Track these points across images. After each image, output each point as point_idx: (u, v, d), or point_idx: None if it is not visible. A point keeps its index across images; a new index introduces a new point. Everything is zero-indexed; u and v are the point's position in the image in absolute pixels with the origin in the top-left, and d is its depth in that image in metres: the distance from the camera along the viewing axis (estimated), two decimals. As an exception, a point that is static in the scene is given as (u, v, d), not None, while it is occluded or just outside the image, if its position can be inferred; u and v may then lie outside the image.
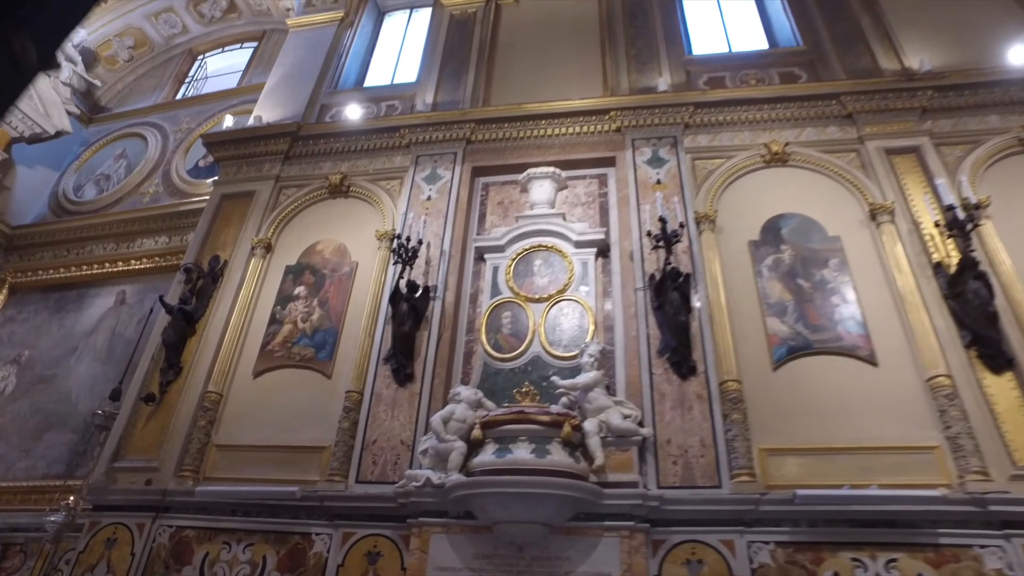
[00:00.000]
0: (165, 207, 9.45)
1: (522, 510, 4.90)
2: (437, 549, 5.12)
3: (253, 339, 6.85)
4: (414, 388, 6.08)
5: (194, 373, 6.61)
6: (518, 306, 6.58)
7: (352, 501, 5.53)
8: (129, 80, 12.40)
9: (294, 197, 7.88)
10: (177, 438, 6.23)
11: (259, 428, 6.25)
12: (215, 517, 5.81)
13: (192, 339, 6.85)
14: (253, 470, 5.98)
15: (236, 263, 7.36)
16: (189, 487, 5.91)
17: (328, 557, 5.41)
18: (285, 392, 6.44)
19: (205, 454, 6.20)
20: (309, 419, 6.20)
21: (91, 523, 6.02)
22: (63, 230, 9.88)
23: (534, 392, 5.81)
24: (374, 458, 5.77)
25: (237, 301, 7.04)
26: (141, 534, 5.85)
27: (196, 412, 6.35)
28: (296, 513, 5.66)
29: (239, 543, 5.66)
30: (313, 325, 6.76)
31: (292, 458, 6.00)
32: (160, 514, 5.94)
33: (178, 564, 5.69)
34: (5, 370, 8.84)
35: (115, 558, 5.79)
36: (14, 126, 9.94)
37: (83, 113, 11.75)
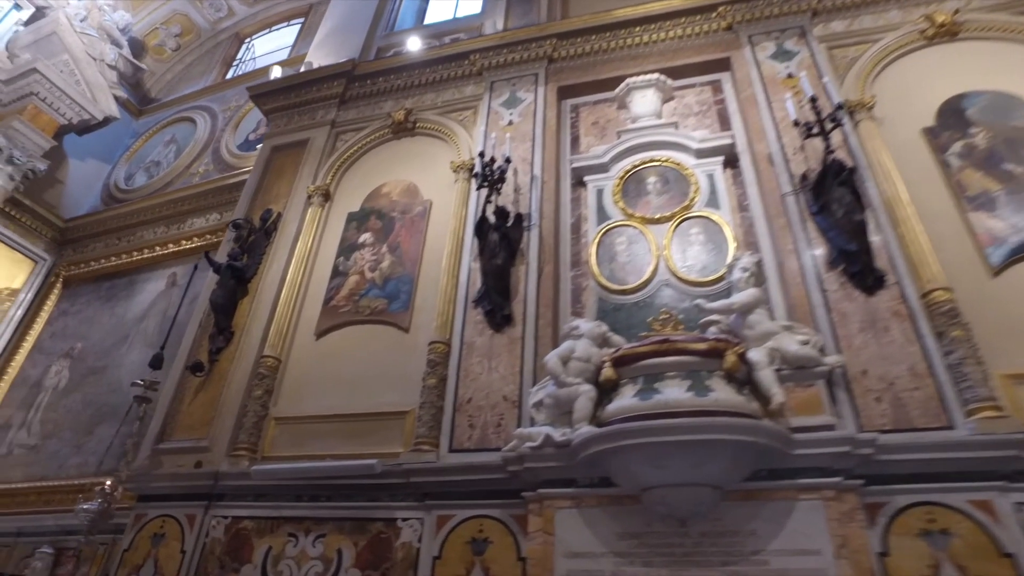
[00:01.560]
0: (213, 181, 8.62)
1: (683, 467, 3.52)
2: (567, 529, 3.78)
3: (314, 295, 5.75)
4: (514, 333, 4.81)
5: (247, 337, 5.53)
6: (634, 230, 5.25)
7: (446, 475, 4.27)
8: (178, 69, 11.85)
9: (353, 141, 6.81)
10: (229, 412, 5.14)
11: (325, 395, 5.10)
12: (277, 504, 4.66)
13: (244, 300, 5.80)
14: (320, 445, 4.81)
15: (291, 215, 6.31)
16: (244, 468, 4.79)
17: (420, 548, 4.15)
18: (354, 352, 5.28)
19: (262, 429, 5.08)
20: (385, 380, 5.01)
21: (136, 516, 4.97)
22: (113, 218, 9.22)
23: (676, 320, 4.46)
24: (470, 420, 4.50)
25: (294, 255, 5.97)
26: (192, 527, 4.74)
27: (250, 381, 5.26)
28: (376, 494, 4.44)
29: (307, 535, 4.47)
30: (383, 274, 5.60)
31: (367, 428, 4.81)
32: (213, 503, 4.83)
33: (236, 562, 4.54)
34: (59, 364, 8.11)
35: (163, 556, 4.70)
36: (62, 112, 9.39)
37: (133, 105, 11.21)
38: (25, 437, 7.56)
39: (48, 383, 7.98)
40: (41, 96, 9.17)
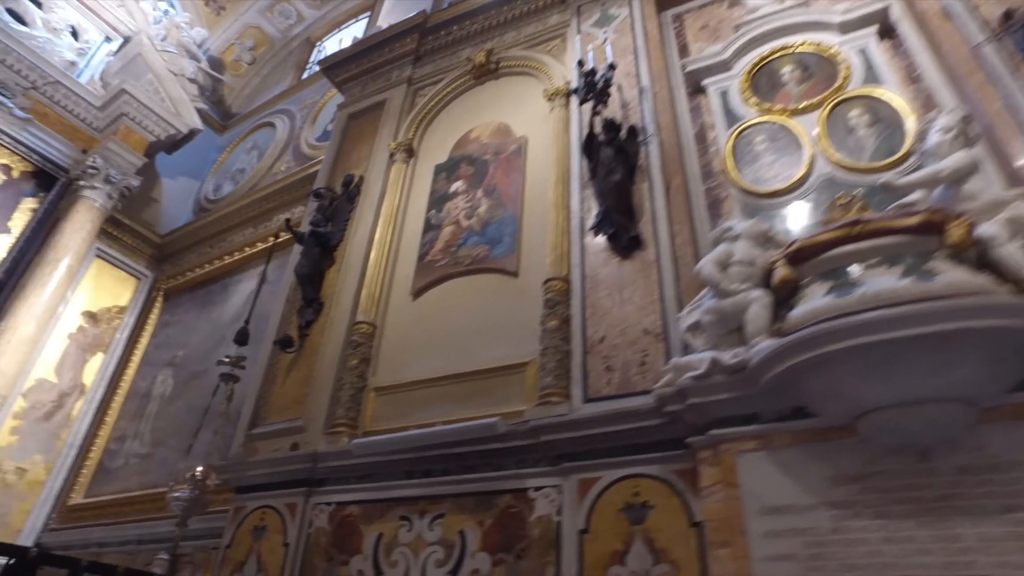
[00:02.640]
0: (294, 174, 8.29)
1: (917, 377, 2.51)
2: (755, 478, 2.83)
3: (406, 254, 5.11)
4: (646, 256, 3.92)
5: (337, 307, 4.96)
6: (774, 126, 4.27)
7: (584, 428, 3.42)
8: (255, 83, 11.87)
9: (432, 94, 6.19)
10: (324, 386, 4.54)
11: (428, 357, 4.40)
12: (385, 484, 3.97)
13: (330, 270, 5.24)
14: (427, 412, 4.09)
15: (374, 176, 5.74)
16: (344, 445, 4.14)
17: (561, 521, 3.32)
18: (457, 307, 4.57)
19: (361, 402, 4.44)
20: (496, 332, 4.26)
21: (235, 510, 4.44)
22: (203, 227, 9.15)
23: (860, 203, 3.45)
24: (606, 363, 3.64)
25: (380, 215, 5.38)
26: (294, 517, 4.14)
27: (344, 351, 4.65)
28: (500, 461, 3.66)
29: (422, 517, 3.75)
30: (481, 219, 4.88)
31: (480, 387, 4.06)
32: (314, 489, 4.21)
33: (344, 553, 3.88)
34: (164, 373, 8.00)
35: (266, 551, 4.12)
36: (150, 129, 9.47)
37: (216, 121, 11.30)
38: (138, 447, 7.41)
39: (155, 392, 7.86)
40: (131, 116, 9.27)
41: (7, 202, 8.49)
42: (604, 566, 3.06)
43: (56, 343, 8.26)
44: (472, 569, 3.43)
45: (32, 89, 8.92)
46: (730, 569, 2.67)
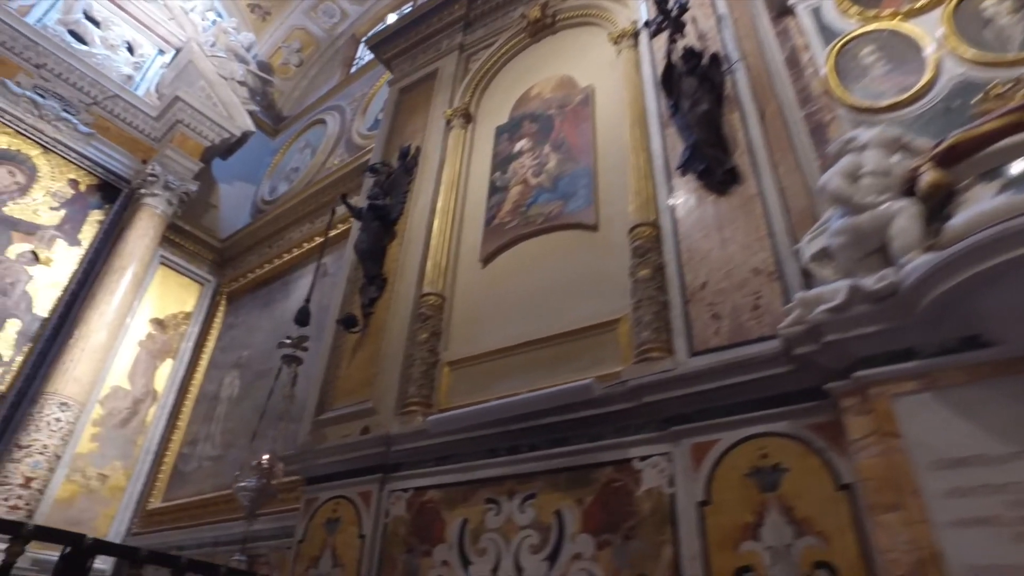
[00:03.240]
0: (347, 164, 8.09)
1: None
2: (922, 425, 2.29)
3: (471, 221, 4.74)
4: (745, 190, 3.41)
5: (401, 281, 4.63)
6: (884, 32, 3.66)
7: (694, 384, 2.94)
8: (304, 85, 11.82)
9: (486, 58, 5.82)
10: (393, 364, 4.21)
11: (504, 325, 4.00)
12: (467, 464, 3.58)
13: (392, 245, 4.92)
14: (507, 384, 3.68)
15: (431, 145, 5.41)
16: (419, 425, 3.78)
17: (674, 493, 2.85)
18: (531, 269, 4.15)
19: (434, 378, 4.07)
20: (578, 291, 3.82)
21: (307, 502, 4.14)
22: (261, 227, 9.08)
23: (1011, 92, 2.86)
24: (712, 310, 3.15)
25: (441, 183, 5.03)
26: (368, 507, 3.80)
27: (412, 325, 4.31)
28: (597, 430, 3.21)
29: (511, 498, 3.34)
30: (551, 175, 4.46)
31: (565, 352, 3.63)
32: (388, 475, 3.87)
33: (425, 543, 3.51)
34: (230, 375, 7.93)
35: (340, 545, 3.80)
36: (204, 135, 9.49)
37: (268, 125, 11.30)
38: (209, 449, 7.32)
39: (223, 395, 7.78)
40: (185, 122, 9.31)
41: (76, 215, 8.61)
42: (734, 541, 2.57)
43: (128, 351, 8.30)
44: (573, 554, 2.99)
45: (94, 104, 9.06)
46: (904, 537, 2.15)
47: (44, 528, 2.35)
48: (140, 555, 2.50)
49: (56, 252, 8.25)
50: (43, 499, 6.82)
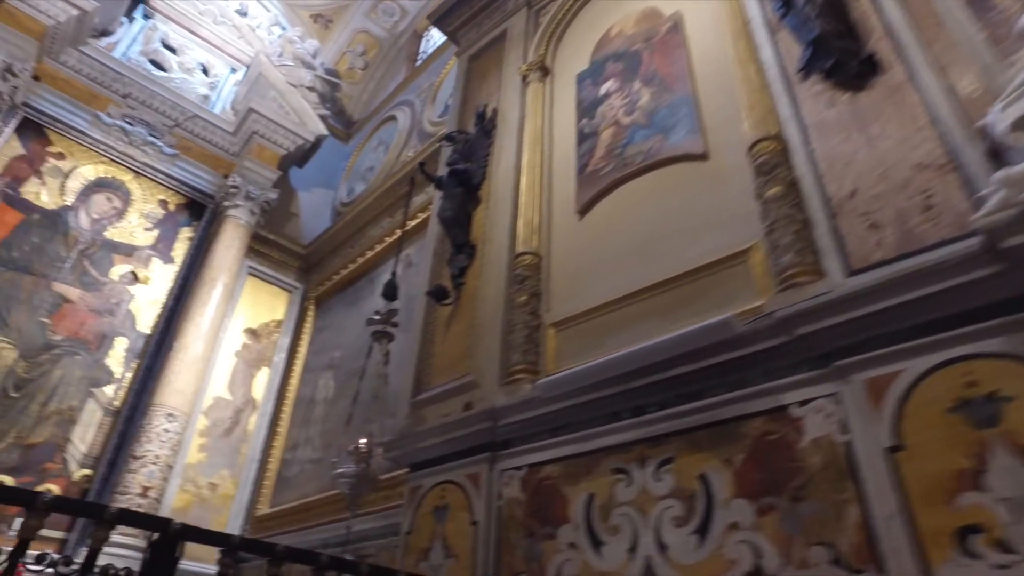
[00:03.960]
0: (421, 152, 7.85)
1: None
2: None
3: (562, 174, 4.31)
4: (891, 78, 2.80)
5: (491, 243, 4.26)
6: None
7: (859, 306, 2.38)
8: (371, 87, 11.79)
9: (556, 9, 5.38)
10: (491, 332, 3.83)
11: (611, 277, 3.53)
12: (586, 433, 3.14)
13: (477, 211, 4.57)
14: (623, 338, 3.21)
15: (508, 103, 5.03)
16: (527, 393, 3.38)
17: (850, 441, 2.30)
18: (634, 213, 3.67)
19: (538, 342, 3.65)
20: (693, 227, 3.31)
21: (411, 491, 3.81)
22: (342, 229, 9.02)
23: None
24: (868, 220, 2.58)
25: (524, 139, 4.63)
26: (479, 490, 3.43)
27: (509, 289, 3.91)
28: (738, 377, 2.70)
29: (643, 465, 2.87)
30: (646, 111, 3.97)
31: (685, 295, 3.13)
32: (497, 453, 3.48)
33: (547, 525, 3.09)
34: (324, 377, 7.87)
35: (451, 533, 3.44)
36: (279, 143, 9.59)
37: (340, 131, 11.33)
38: (310, 452, 7.25)
39: (319, 397, 7.71)
40: (260, 133, 9.43)
41: (168, 234, 8.84)
42: (947, 494, 2.00)
43: (226, 362, 8.41)
44: (728, 523, 2.49)
45: (176, 127, 9.30)
46: None
47: (127, 511, 2.11)
48: (233, 542, 2.21)
49: (153, 270, 8.48)
50: (160, 508, 6.91)
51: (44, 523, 1.92)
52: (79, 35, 8.75)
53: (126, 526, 2.11)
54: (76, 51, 8.80)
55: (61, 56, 8.68)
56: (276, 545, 2.47)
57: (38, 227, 7.91)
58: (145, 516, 2.21)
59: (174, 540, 2.03)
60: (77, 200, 8.30)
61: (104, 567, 2.00)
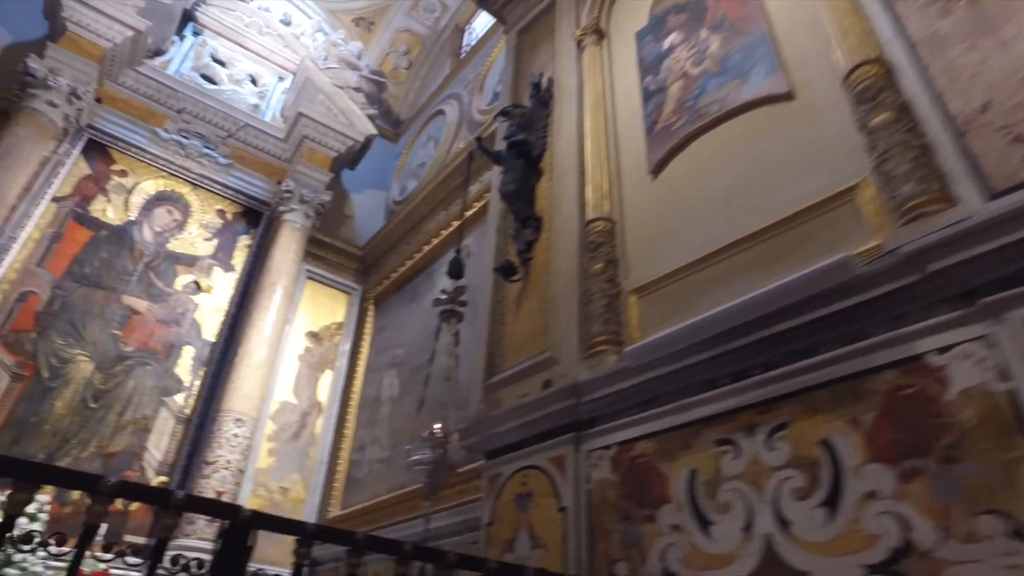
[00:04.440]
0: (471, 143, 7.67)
1: None
2: None
3: (629, 135, 4.02)
4: (1024, -29, 2.43)
5: (559, 213, 4.00)
6: None
7: (1009, 232, 2.03)
8: (417, 86, 11.73)
9: (608, -29, 5.12)
10: (567, 304, 3.57)
11: (694, 234, 3.23)
12: (681, 404, 2.84)
13: (540, 184, 4.32)
14: (714, 296, 2.89)
15: (564, 71, 4.77)
16: (613, 365, 3.11)
17: (1015, 388, 1.94)
18: (714, 166, 3.36)
19: (620, 311, 3.38)
20: (784, 172, 2.98)
21: (489, 480, 3.59)
22: (397, 226, 8.97)
23: None
24: (1009, 133, 2.20)
25: (584, 105, 4.36)
26: (564, 473, 3.17)
27: (582, 258, 3.65)
28: (859, 327, 2.36)
29: (752, 434, 2.56)
30: (716, 58, 3.65)
31: (783, 244, 2.79)
32: (583, 432, 3.21)
33: (645, 506, 2.81)
34: (388, 375, 7.79)
35: (537, 522, 3.20)
36: (330, 146, 9.63)
37: (389, 131, 11.31)
38: (378, 452, 7.15)
39: (384, 396, 7.62)
40: (311, 137, 9.49)
41: (227, 243, 8.94)
42: None
43: (289, 366, 8.43)
44: (863, 492, 2.15)
45: (229, 137, 9.43)
46: None
47: (195, 497, 1.96)
48: (308, 530, 2.03)
49: (215, 279, 8.58)
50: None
51: (126, 525, 1.78)
52: (135, 56, 8.96)
53: (194, 513, 1.96)
54: (133, 71, 9.02)
55: (120, 78, 8.90)
56: (355, 533, 2.28)
57: (106, 243, 8.10)
58: (214, 503, 2.06)
59: (245, 528, 1.86)
60: (140, 215, 8.47)
61: (173, 557, 1.85)
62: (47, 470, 1.88)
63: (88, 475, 1.77)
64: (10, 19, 8.65)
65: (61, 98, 7.84)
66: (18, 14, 8.64)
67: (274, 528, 2.08)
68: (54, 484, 1.73)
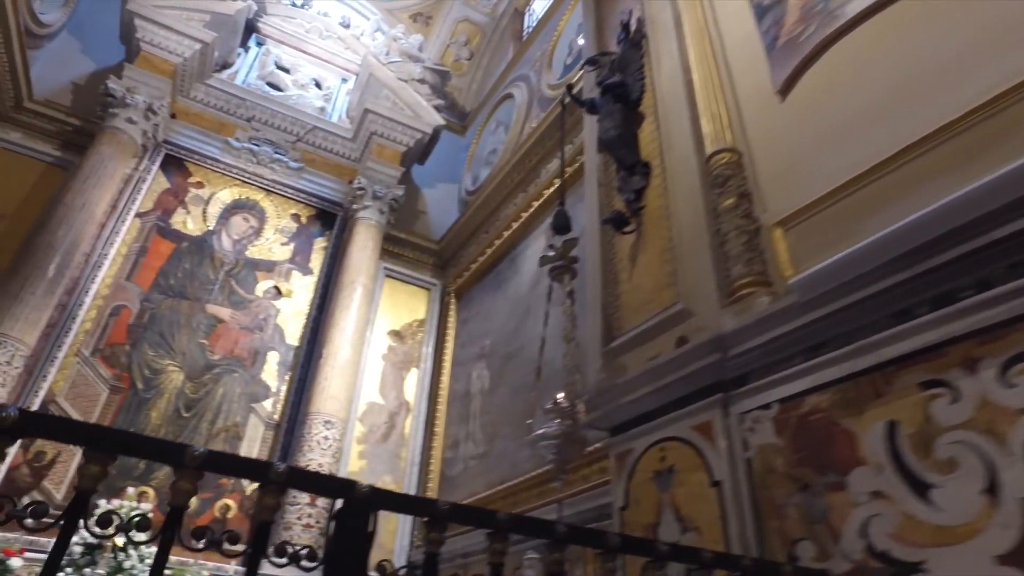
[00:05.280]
0: (547, 115, 7.27)
1: None
2: None
3: (743, 60, 3.50)
4: None
5: (673, 153, 3.51)
6: None
7: None
8: (479, 76, 11.48)
9: None
10: (696, 248, 3.08)
11: (844, 152, 2.67)
12: (861, 344, 2.30)
13: (642, 128, 3.85)
14: (888, 213, 2.35)
15: (656, 6, 4.28)
16: (767, 307, 2.60)
17: None
18: (860, 73, 2.79)
19: (762, 249, 2.86)
20: (962, 63, 2.40)
21: (617, 459, 3.13)
22: (474, 216, 8.73)
23: None
24: None
25: (685, 35, 3.86)
26: (713, 442, 2.68)
27: (708, 197, 3.15)
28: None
29: (974, 370, 2.00)
30: (847, -52, 3.11)
31: (983, 137, 2.22)
32: (732, 392, 2.72)
33: (829, 471, 2.28)
34: (477, 368, 7.49)
35: (685, 502, 2.72)
36: (398, 140, 9.48)
37: (456, 124, 11.09)
38: (472, 448, 6.81)
39: (474, 390, 7.30)
40: (379, 133, 9.36)
41: (304, 247, 8.87)
42: None
43: (374, 367, 8.25)
44: None
45: (298, 141, 9.40)
46: None
47: (299, 470, 1.59)
48: (440, 509, 1.64)
49: (294, 283, 8.50)
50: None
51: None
52: (204, 70, 9.05)
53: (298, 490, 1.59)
54: (203, 85, 9.12)
55: (191, 92, 9.02)
56: (496, 513, 1.88)
57: (188, 254, 8.14)
58: (322, 476, 1.70)
59: (364, 508, 1.50)
60: (218, 224, 8.49)
61: (279, 546, 1.49)
62: (120, 435, 1.50)
63: (172, 444, 1.43)
64: (93, 49, 8.93)
65: (138, 114, 7.95)
66: (99, 43, 8.92)
67: (398, 507, 1.70)
68: (131, 454, 1.39)
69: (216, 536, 1.56)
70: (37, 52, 8.33)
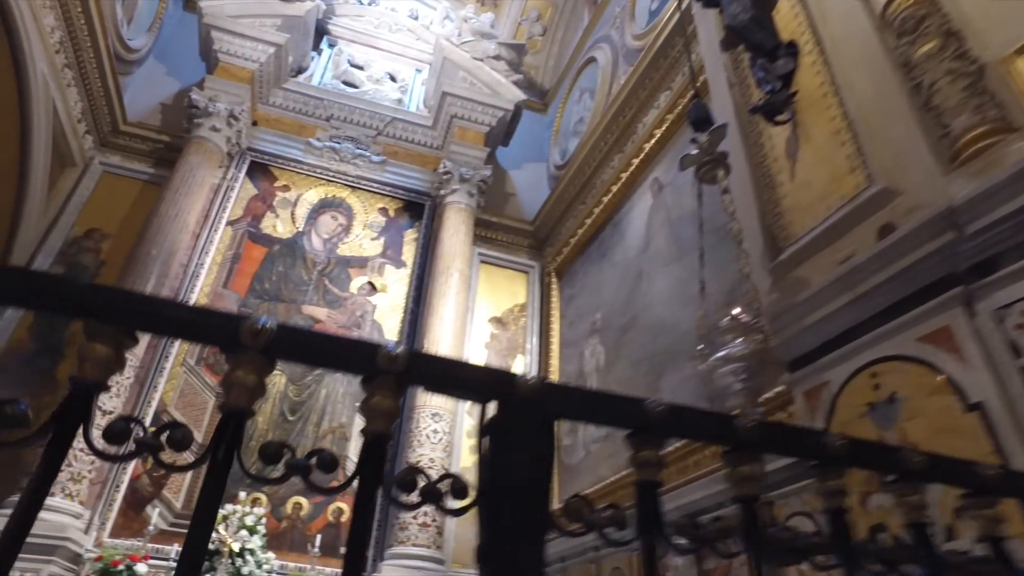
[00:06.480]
0: (637, 66, 6.62)
1: None
2: None
3: None
4: None
5: (825, 21, 2.82)
6: None
7: None
8: (555, 50, 10.91)
9: None
10: (890, 113, 2.35)
11: None
12: None
13: (777, 6, 3.16)
14: None
15: None
16: (1018, 159, 1.88)
17: None
18: None
19: (993, 91, 2.12)
20: None
21: (807, 396, 2.45)
22: (567, 188, 8.12)
23: None
24: None
25: None
26: (959, 353, 1.97)
27: (894, 50, 2.42)
28: None
29: None
30: None
31: None
32: (973, 286, 2.00)
33: None
34: (589, 345, 6.86)
35: (922, 435, 2.01)
36: (479, 120, 9.06)
37: (536, 103, 10.54)
38: (593, 431, 6.18)
39: (588, 369, 6.69)
40: (459, 115, 8.98)
41: (395, 240, 8.58)
42: None
43: (478, 357, 7.80)
44: None
45: (379, 135, 9.18)
46: None
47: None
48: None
49: (387, 277, 8.21)
50: (445, 518, 6.34)
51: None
52: (280, 74, 9.01)
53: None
54: (281, 90, 9.07)
55: (270, 98, 8.98)
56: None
57: (280, 256, 8.02)
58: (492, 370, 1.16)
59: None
60: (307, 224, 8.34)
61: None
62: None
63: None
64: (178, 70, 9.10)
65: (221, 121, 7.94)
66: (183, 63, 9.09)
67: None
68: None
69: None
70: (128, 78, 8.55)
